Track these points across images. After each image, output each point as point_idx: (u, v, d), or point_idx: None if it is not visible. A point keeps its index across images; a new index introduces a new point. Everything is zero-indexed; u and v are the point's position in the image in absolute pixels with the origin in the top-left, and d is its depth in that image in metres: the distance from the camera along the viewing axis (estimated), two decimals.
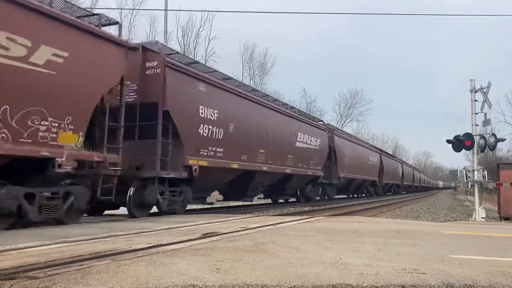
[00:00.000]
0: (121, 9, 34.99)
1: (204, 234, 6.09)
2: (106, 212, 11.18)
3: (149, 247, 4.75)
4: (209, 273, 3.46)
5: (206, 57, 38.00)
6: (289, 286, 3.12)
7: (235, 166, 13.30)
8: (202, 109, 11.70)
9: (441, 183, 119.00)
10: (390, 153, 57.89)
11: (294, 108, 21.00)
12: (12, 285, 3.03)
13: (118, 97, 9.39)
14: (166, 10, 22.14)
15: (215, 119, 12.18)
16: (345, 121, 62.33)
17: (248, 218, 10.07)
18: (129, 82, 10.01)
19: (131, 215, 10.12)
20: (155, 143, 10.27)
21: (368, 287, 3.16)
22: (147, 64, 10.48)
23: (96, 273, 3.36)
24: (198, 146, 11.58)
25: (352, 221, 9.61)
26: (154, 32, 38.27)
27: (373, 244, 5.39)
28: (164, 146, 10.52)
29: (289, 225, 8.02)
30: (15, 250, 4.60)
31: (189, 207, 13.29)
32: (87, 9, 10.31)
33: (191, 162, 11.19)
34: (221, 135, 12.50)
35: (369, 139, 57.51)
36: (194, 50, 38.15)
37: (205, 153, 11.85)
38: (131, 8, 36.36)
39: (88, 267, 3.60)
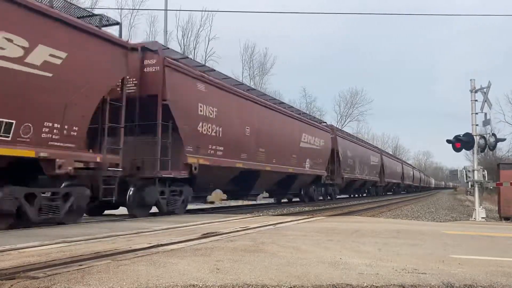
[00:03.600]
0: (121, 9, 35.00)
1: (204, 234, 6.09)
2: (106, 212, 11.19)
3: (149, 247, 4.75)
4: (209, 273, 3.46)
5: (206, 57, 38.01)
6: (289, 286, 3.12)
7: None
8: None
9: (433, 182, 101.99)
10: (391, 153, 58.25)
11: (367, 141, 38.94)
12: (12, 285, 3.03)
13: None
14: (166, 10, 22.16)
15: None
16: (345, 121, 62.34)
17: (248, 218, 10.07)
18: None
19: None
20: None
21: (368, 287, 3.16)
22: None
23: (96, 273, 3.36)
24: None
25: (352, 221, 9.61)
26: (154, 32, 38.29)
27: (373, 244, 5.39)
28: None
29: (289, 225, 8.02)
30: (15, 250, 4.60)
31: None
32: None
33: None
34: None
35: (369, 139, 57.50)
36: (194, 50, 38.17)
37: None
38: (131, 8, 36.35)
39: (88, 267, 3.60)
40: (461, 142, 12.83)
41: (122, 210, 10.82)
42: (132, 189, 10.03)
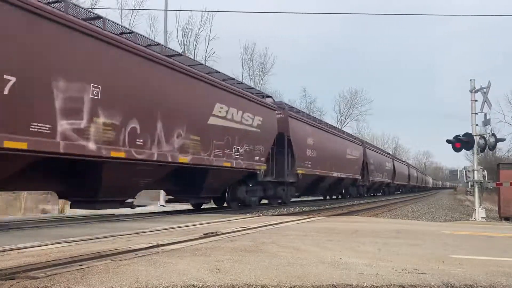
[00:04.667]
0: (121, 9, 34.95)
1: (204, 234, 6.09)
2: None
3: (149, 247, 4.75)
4: (209, 273, 3.46)
5: (206, 57, 37.97)
6: (289, 286, 3.12)
7: None
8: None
9: (430, 181, 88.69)
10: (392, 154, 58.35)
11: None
12: (12, 285, 3.03)
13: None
14: (166, 10, 22.12)
15: None
16: (345, 121, 62.33)
17: (248, 218, 10.07)
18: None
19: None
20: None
21: (368, 287, 3.16)
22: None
23: (96, 273, 3.36)
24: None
25: (352, 221, 9.61)
26: (154, 32, 38.20)
27: (373, 244, 5.39)
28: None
29: (289, 225, 8.02)
30: (15, 250, 4.60)
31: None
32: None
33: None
34: None
35: (369, 139, 57.46)
36: (194, 50, 38.10)
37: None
38: (131, 8, 36.31)
39: (88, 267, 3.60)
40: (461, 142, 12.84)
41: None
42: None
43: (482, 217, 12.47)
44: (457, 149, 13.04)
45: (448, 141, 13.15)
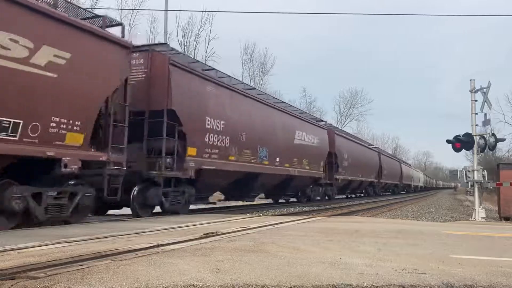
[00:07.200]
0: (121, 9, 34.97)
1: (204, 234, 6.09)
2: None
3: (149, 247, 4.75)
4: (209, 273, 3.46)
5: (206, 57, 38.01)
6: (289, 286, 3.12)
7: None
8: None
9: (421, 178, 70.47)
10: (390, 153, 58.10)
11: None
12: (12, 285, 3.03)
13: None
14: (166, 10, 22.15)
15: None
16: (345, 121, 62.47)
17: (248, 218, 10.07)
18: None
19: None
20: None
21: (368, 287, 3.16)
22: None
23: (96, 273, 3.36)
24: None
25: (352, 221, 9.61)
26: (154, 32, 38.30)
27: (373, 244, 5.39)
28: None
29: (289, 225, 8.02)
30: (15, 250, 4.60)
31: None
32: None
33: None
34: None
35: (369, 139, 57.53)
36: (194, 50, 38.19)
37: None
38: (131, 8, 36.33)
39: (88, 267, 3.60)
40: (461, 142, 12.84)
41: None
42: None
43: (482, 217, 12.46)
44: (457, 149, 13.04)
45: (448, 141, 13.15)
